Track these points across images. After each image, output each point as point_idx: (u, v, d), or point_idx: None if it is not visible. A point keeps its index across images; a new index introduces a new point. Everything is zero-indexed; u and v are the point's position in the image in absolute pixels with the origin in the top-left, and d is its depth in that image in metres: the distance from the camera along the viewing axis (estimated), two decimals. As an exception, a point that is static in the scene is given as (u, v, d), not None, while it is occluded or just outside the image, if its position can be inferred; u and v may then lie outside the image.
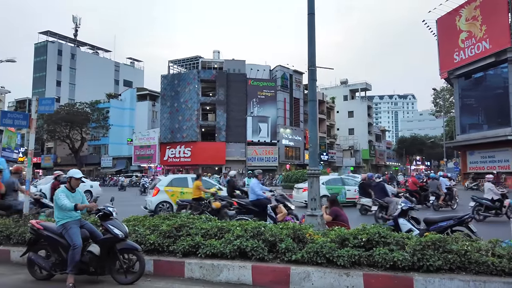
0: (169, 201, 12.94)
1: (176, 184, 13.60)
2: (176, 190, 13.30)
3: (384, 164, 75.46)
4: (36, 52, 72.51)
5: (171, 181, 13.78)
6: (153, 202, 12.98)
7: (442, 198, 14.86)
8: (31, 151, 8.01)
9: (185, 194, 12.93)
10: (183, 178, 14.19)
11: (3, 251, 6.59)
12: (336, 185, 16.83)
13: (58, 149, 59.94)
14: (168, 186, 13.46)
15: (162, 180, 14.03)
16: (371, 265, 4.99)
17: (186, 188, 13.29)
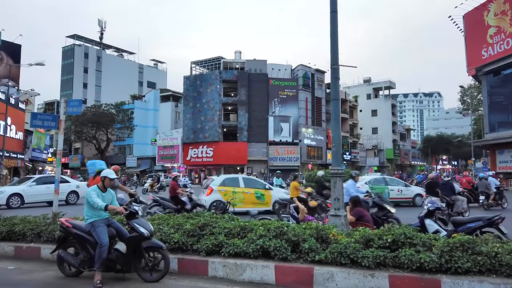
0: (222, 200, 13.30)
1: (228, 184, 13.97)
2: (229, 190, 13.68)
3: (409, 164, 73.89)
4: (63, 56, 74.74)
5: (224, 181, 14.15)
6: (207, 201, 13.39)
7: (492, 197, 14.98)
8: (59, 151, 8.26)
9: (237, 194, 13.42)
10: (234, 178, 14.58)
11: (34, 249, 6.81)
12: (379, 185, 16.84)
13: (85, 149, 61.59)
14: (221, 185, 13.84)
15: (215, 180, 14.37)
16: (397, 266, 4.90)
17: (238, 188, 13.76)
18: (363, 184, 16.42)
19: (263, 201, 13.75)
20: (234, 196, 13.02)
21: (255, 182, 14.74)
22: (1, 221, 7.46)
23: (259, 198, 13.77)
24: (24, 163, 36.51)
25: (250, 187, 14.01)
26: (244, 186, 13.95)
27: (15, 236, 7.09)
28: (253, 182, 14.57)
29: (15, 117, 33.26)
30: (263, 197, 13.84)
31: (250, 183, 14.31)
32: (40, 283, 5.45)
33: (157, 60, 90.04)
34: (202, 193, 14.30)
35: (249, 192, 13.80)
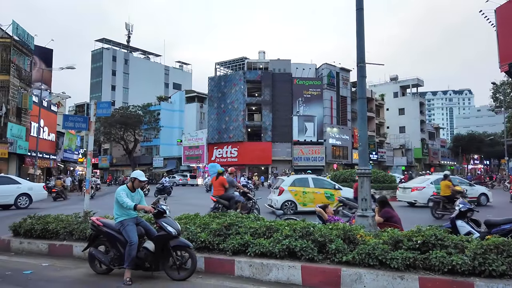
0: (293, 200, 13.72)
1: (298, 184, 14.31)
2: (299, 190, 14.05)
3: (439, 163, 71.81)
4: (93, 59, 76.95)
5: (294, 181, 14.48)
6: (279, 201, 13.80)
7: None
8: (90, 152, 8.49)
9: (307, 194, 13.79)
10: (304, 179, 14.84)
11: (67, 246, 7.04)
12: None
13: (114, 150, 63.20)
14: (291, 186, 14.21)
15: (285, 181, 14.69)
16: (427, 268, 4.77)
17: (307, 188, 14.13)
18: (428, 184, 16.56)
19: (333, 201, 13.86)
20: (305, 196, 13.57)
21: (324, 182, 14.95)
22: (35, 220, 7.75)
23: (329, 198, 13.94)
24: (56, 163, 37.82)
25: (320, 187, 14.30)
26: (313, 186, 14.27)
27: (48, 234, 7.34)
28: (322, 182, 14.81)
29: (48, 119, 34.49)
30: (333, 197, 14.02)
31: (319, 183, 14.59)
32: (72, 280, 5.62)
33: (182, 61, 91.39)
34: (273, 193, 14.70)
35: (319, 192, 14.08)
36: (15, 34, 28.54)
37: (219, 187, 10.21)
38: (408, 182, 21.13)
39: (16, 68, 28.38)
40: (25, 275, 5.78)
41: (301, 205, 13.81)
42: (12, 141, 27.12)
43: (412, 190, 16.68)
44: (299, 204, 13.81)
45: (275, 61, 50.98)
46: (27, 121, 30.19)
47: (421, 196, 16.24)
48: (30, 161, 29.64)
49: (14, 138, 27.42)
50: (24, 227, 7.59)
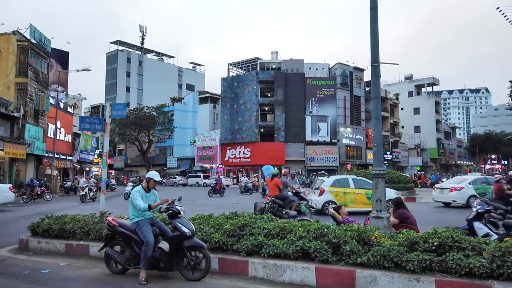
0: (334, 201, 13.64)
1: (338, 185, 14.33)
2: (340, 191, 14.07)
3: (455, 163, 70.64)
4: (107, 61, 78.07)
5: (334, 182, 14.52)
6: (320, 202, 13.88)
7: None
8: (106, 153, 8.61)
9: (348, 194, 13.80)
10: (344, 179, 14.86)
11: (83, 246, 7.15)
12: (481, 185, 16.72)
13: (128, 150, 63.97)
14: (332, 186, 14.24)
15: (326, 181, 14.70)
16: (444, 271, 4.69)
17: (348, 189, 14.12)
18: (466, 184, 16.55)
19: None
20: (345, 197, 13.57)
21: (364, 182, 14.84)
22: (53, 220, 7.89)
23: (369, 199, 13.80)
24: (72, 164, 38.48)
25: (360, 188, 14.23)
26: (354, 187, 14.23)
27: (65, 234, 7.46)
28: (362, 183, 14.73)
29: (64, 120, 35.13)
30: None
31: (359, 184, 14.52)
32: (89, 279, 5.71)
33: (195, 63, 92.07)
34: (313, 194, 14.70)
35: (359, 193, 14.03)
36: (32, 37, 29.15)
37: (274, 188, 10.80)
38: (444, 182, 21.08)
39: (34, 71, 28.97)
40: (43, 274, 5.89)
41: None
42: (30, 142, 27.70)
43: (451, 191, 16.70)
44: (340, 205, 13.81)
45: (288, 61, 50.88)
46: (44, 122, 30.81)
47: (460, 196, 16.21)
48: (47, 162, 30.23)
49: (32, 139, 28.02)
50: (42, 227, 7.74)
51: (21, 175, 28.23)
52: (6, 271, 6.09)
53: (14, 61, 27.65)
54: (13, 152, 25.05)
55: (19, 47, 27.96)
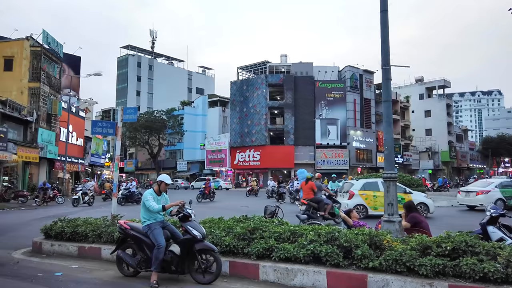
0: (364, 204, 13.75)
1: (368, 188, 14.31)
2: (369, 194, 14.07)
3: (467, 167, 69.69)
4: (118, 65, 78.91)
5: (363, 185, 14.47)
6: (350, 205, 13.82)
7: None
8: (117, 156, 8.70)
9: (377, 198, 13.73)
10: (374, 182, 14.78)
11: (95, 249, 7.21)
12: (508, 188, 16.68)
13: (139, 154, 64.44)
14: (362, 190, 14.23)
15: (355, 184, 14.71)
16: (457, 276, 4.63)
17: (378, 192, 14.00)
18: (493, 187, 16.49)
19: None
20: (375, 200, 13.53)
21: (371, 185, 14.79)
22: (66, 223, 7.98)
23: (400, 202, 13.76)
24: (84, 167, 38.90)
25: None
26: (383, 190, 14.00)
27: (78, 236, 7.55)
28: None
29: (76, 124, 35.57)
30: (404, 201, 13.88)
31: None
32: (101, 282, 5.76)
33: (205, 66, 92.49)
34: (342, 197, 14.76)
35: None
36: (45, 42, 29.63)
37: (308, 191, 11.12)
38: (470, 185, 20.89)
39: (46, 76, 29.42)
40: (56, 276, 5.96)
41: (372, 209, 13.78)
42: (43, 146, 28.10)
43: (477, 194, 16.59)
44: (370, 208, 13.80)
45: (297, 64, 50.86)
46: (57, 126, 31.23)
47: (487, 199, 15.97)
48: (60, 165, 30.61)
49: (44, 143, 28.41)
50: (55, 229, 7.83)
51: (34, 178, 28.62)
52: (20, 273, 6.17)
53: (28, 66, 28.12)
54: (26, 156, 25.43)
55: (32, 52, 28.44)
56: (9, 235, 10.10)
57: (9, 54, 28.00)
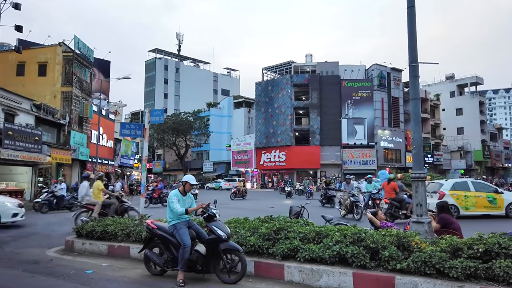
0: (455, 204, 13.65)
1: (458, 188, 14.23)
2: (460, 194, 13.97)
3: (502, 166, 66.93)
4: (146, 69, 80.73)
5: (453, 185, 14.42)
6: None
7: None
8: (145, 157, 8.90)
9: (469, 198, 13.73)
10: (464, 182, 14.72)
11: (124, 248, 7.40)
12: None
13: (166, 155, 65.64)
14: (452, 190, 14.14)
15: (445, 184, 14.66)
16: (490, 279, 4.46)
17: (469, 192, 13.95)
18: None
19: (495, 205, 13.68)
20: (467, 200, 13.52)
21: (485, 185, 14.67)
22: (96, 222, 8.24)
23: (491, 202, 13.75)
24: (114, 169, 39.99)
25: (481, 191, 14.06)
26: (474, 190, 14.00)
27: (108, 235, 7.76)
28: (483, 186, 14.58)
29: (106, 127, 36.62)
30: (495, 201, 13.83)
31: (479, 187, 14.37)
32: (130, 280, 5.90)
33: (230, 68, 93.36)
34: (431, 197, 14.65)
35: (480, 196, 13.87)
36: (76, 48, 30.69)
37: (391, 191, 11.49)
38: None
39: (78, 80, 30.46)
40: (87, 274, 6.15)
41: (463, 209, 13.62)
42: (75, 148, 29.10)
43: None
44: (461, 208, 13.64)
45: (323, 63, 50.41)
46: (88, 129, 32.27)
47: None
48: (91, 167, 31.58)
49: (76, 145, 29.42)
50: (86, 229, 8.09)
51: (67, 180, 29.66)
52: (53, 271, 6.41)
53: (60, 71, 29.20)
54: (60, 158, 26.39)
55: (65, 58, 29.50)
56: (44, 234, 10.51)
57: (43, 60, 29.17)
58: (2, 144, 19.64)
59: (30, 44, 31.99)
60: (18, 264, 6.88)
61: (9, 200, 12.37)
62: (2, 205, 11.28)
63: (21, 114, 23.10)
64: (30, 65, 29.05)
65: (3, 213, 11.10)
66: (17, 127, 21.28)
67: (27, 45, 30.38)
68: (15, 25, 19.94)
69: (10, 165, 21.69)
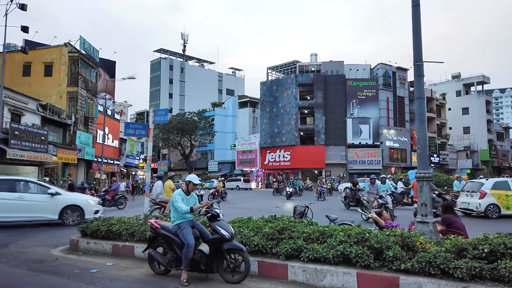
0: (496, 204, 13.73)
1: (499, 187, 14.28)
2: (501, 193, 14.04)
3: (509, 166, 66.32)
4: (151, 69, 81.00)
5: (494, 184, 14.47)
6: (482, 205, 13.98)
7: None
8: (149, 157, 8.91)
9: (510, 197, 13.79)
10: (504, 182, 14.77)
11: (129, 247, 7.42)
12: None
13: (171, 155, 65.84)
14: (493, 189, 14.19)
15: (486, 184, 14.70)
16: (495, 279, 4.42)
17: (509, 191, 13.99)
18: None
19: None
20: (508, 200, 13.60)
21: None
22: (101, 222, 8.27)
23: None
24: (119, 168, 40.17)
25: None
26: None
27: (112, 235, 7.79)
28: None
29: (112, 127, 36.80)
30: None
31: None
32: (134, 279, 5.92)
33: (235, 68, 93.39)
34: (470, 197, 14.77)
35: None
36: (82, 48, 30.88)
37: None
38: None
39: (84, 80, 30.65)
40: (92, 273, 6.18)
41: (505, 209, 13.69)
42: (81, 147, 29.28)
43: None
44: (503, 208, 13.69)
45: (328, 63, 50.30)
46: (93, 129, 32.45)
47: None
48: (97, 166, 31.78)
49: (82, 145, 29.60)
50: (90, 228, 8.13)
51: (72, 179, 29.88)
52: (58, 270, 6.44)
53: (66, 71, 29.40)
54: (65, 157, 26.56)
55: (70, 58, 29.69)
56: (49, 233, 10.58)
57: (48, 61, 29.39)
58: (9, 144, 19.81)
59: (36, 44, 32.24)
60: (24, 263, 6.93)
61: (92, 198, 13.64)
62: (86, 203, 12.33)
63: (28, 114, 23.28)
64: (36, 66, 29.28)
65: (87, 210, 12.06)
66: (24, 127, 21.45)
67: (33, 45, 30.61)
68: (21, 26, 20.08)
69: (16, 165, 21.86)
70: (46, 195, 11.65)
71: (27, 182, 12.15)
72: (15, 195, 11.27)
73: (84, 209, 12.08)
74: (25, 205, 11.24)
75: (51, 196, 11.68)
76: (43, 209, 11.49)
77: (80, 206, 12.15)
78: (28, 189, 11.85)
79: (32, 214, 11.33)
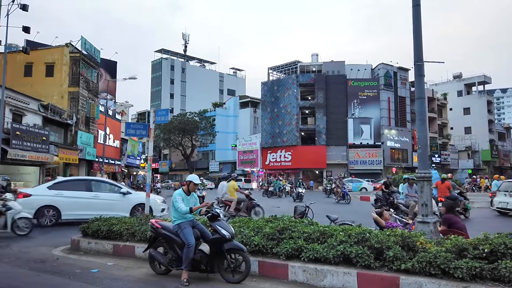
0: None
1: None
2: None
3: (510, 166, 66.22)
4: (152, 69, 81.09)
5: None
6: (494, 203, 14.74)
7: None
8: (150, 157, 8.95)
9: None
10: None
11: (129, 247, 7.43)
12: None
13: (173, 155, 65.90)
14: None
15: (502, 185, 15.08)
16: (496, 279, 4.42)
17: None
18: None
19: None
20: None
21: None
22: (102, 221, 8.29)
23: None
24: (120, 168, 40.22)
25: None
26: None
27: (113, 235, 7.80)
28: None
29: (113, 127, 36.85)
30: None
31: None
32: (135, 279, 5.93)
33: (236, 68, 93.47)
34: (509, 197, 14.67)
35: None
36: (83, 48, 30.93)
37: (445, 190, 12.27)
38: None
39: (85, 80, 30.69)
40: (93, 273, 6.19)
41: None
42: (82, 148, 29.31)
43: None
44: None
45: (329, 63, 50.29)
46: (95, 129, 32.49)
47: None
48: (98, 167, 31.81)
49: (83, 145, 29.64)
50: (91, 228, 8.15)
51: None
52: (59, 270, 6.46)
53: (67, 71, 29.44)
54: (67, 157, 26.60)
55: (72, 58, 29.74)
56: (51, 233, 10.61)
57: (50, 61, 29.44)
58: (10, 144, 19.84)
59: (38, 45, 32.30)
60: (25, 263, 6.95)
61: (158, 197, 13.99)
62: (154, 201, 12.51)
63: (29, 114, 23.33)
64: (38, 66, 29.33)
65: (155, 209, 12.35)
66: (25, 127, 21.48)
67: (34, 46, 30.66)
68: (23, 26, 20.09)
69: (18, 165, 21.91)
70: (119, 194, 12.25)
71: (102, 182, 12.94)
72: (92, 194, 11.99)
73: (152, 208, 12.29)
74: (101, 203, 11.78)
75: (123, 195, 12.26)
76: (116, 207, 11.87)
77: None
78: (103, 189, 12.48)
79: (107, 212, 11.44)
